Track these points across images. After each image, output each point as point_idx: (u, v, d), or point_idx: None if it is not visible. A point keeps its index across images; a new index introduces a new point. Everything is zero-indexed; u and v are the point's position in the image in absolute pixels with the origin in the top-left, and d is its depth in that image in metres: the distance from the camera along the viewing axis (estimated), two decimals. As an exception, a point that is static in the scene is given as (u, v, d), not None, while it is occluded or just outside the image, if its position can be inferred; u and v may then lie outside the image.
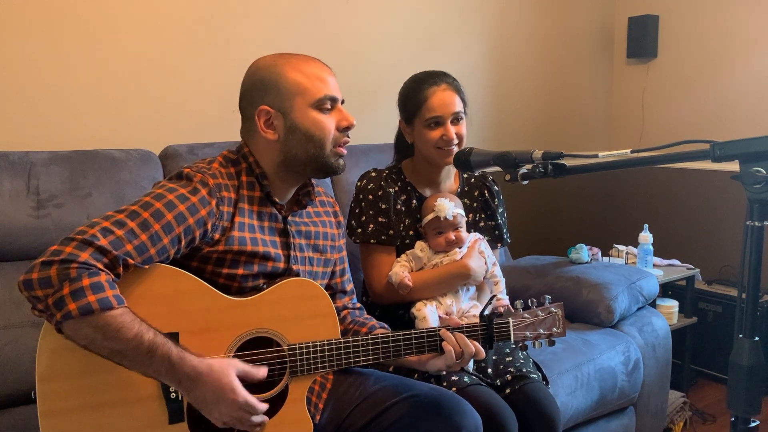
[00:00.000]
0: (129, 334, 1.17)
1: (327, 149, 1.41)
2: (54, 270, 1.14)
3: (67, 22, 2.09)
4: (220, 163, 1.41)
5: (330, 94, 1.39)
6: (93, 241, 1.18)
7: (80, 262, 1.15)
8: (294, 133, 1.39)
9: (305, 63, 1.41)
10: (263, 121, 1.39)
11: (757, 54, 3.18)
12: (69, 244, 1.17)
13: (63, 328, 1.17)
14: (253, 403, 1.25)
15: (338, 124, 1.41)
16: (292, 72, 1.38)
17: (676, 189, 3.50)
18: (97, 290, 1.15)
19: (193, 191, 1.31)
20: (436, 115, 1.80)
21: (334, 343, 1.38)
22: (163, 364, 1.19)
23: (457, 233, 1.80)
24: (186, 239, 1.29)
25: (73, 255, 1.16)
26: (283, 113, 1.38)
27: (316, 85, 1.38)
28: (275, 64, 1.40)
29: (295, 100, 1.37)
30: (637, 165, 1.22)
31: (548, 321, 1.53)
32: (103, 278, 1.17)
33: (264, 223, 1.43)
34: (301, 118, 1.38)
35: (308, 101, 1.38)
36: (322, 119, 1.39)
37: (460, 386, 1.62)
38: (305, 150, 1.39)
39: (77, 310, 1.13)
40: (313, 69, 1.40)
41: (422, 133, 1.83)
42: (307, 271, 1.50)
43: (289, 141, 1.39)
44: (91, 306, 1.14)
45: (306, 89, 1.38)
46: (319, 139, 1.39)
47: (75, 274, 1.14)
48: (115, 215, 1.24)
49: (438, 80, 1.83)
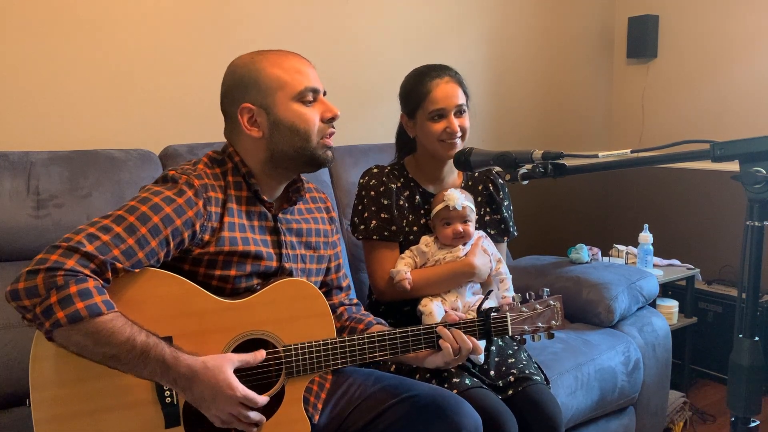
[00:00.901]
0: (121, 338, 1.16)
1: (313, 141, 1.39)
2: (40, 278, 1.13)
3: (66, 22, 2.09)
4: (205, 164, 1.40)
5: (311, 86, 1.38)
6: (79, 247, 1.17)
7: (66, 269, 1.14)
8: (278, 128, 1.37)
9: (283, 57, 1.40)
10: (246, 119, 1.38)
11: (757, 54, 3.18)
12: (55, 251, 1.16)
13: (53, 337, 1.16)
14: (252, 396, 1.24)
15: (322, 116, 1.40)
16: (270, 67, 1.37)
17: (676, 189, 3.50)
18: (85, 297, 1.14)
19: (178, 193, 1.30)
20: (439, 108, 1.79)
21: (329, 343, 1.37)
22: (158, 365, 1.19)
23: (465, 226, 1.80)
24: (174, 241, 1.28)
25: (59, 263, 1.15)
26: (265, 109, 1.37)
27: (295, 78, 1.37)
28: (253, 61, 1.39)
29: (277, 95, 1.36)
30: (637, 165, 1.21)
31: (546, 314, 1.51)
32: (91, 284, 1.16)
33: (254, 223, 1.42)
34: (284, 113, 1.37)
35: (289, 95, 1.37)
36: (306, 111, 1.38)
37: (460, 389, 1.61)
38: (291, 144, 1.38)
39: (65, 318, 1.12)
40: (291, 62, 1.39)
41: (425, 126, 1.82)
42: (300, 268, 1.49)
43: (274, 137, 1.38)
44: (80, 313, 1.13)
45: (286, 83, 1.36)
46: (304, 132, 1.38)
47: (62, 282, 1.13)
48: (101, 221, 1.23)
49: (441, 73, 1.82)
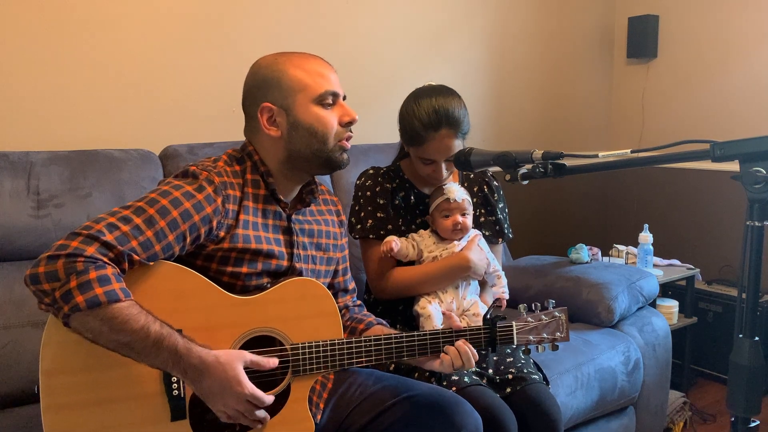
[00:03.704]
0: (136, 326, 1.17)
1: (330, 144, 1.41)
2: (61, 263, 1.15)
3: (67, 22, 2.09)
4: (224, 161, 1.42)
5: (331, 90, 1.40)
6: (99, 236, 1.18)
7: (87, 256, 1.16)
8: (297, 129, 1.39)
9: (306, 60, 1.42)
10: (266, 118, 1.40)
11: (757, 54, 3.18)
12: (75, 238, 1.18)
13: (70, 321, 1.17)
14: (260, 395, 1.25)
15: (340, 119, 1.42)
16: (293, 69, 1.39)
17: (676, 189, 3.50)
18: (104, 283, 1.15)
19: (198, 189, 1.32)
20: (430, 158, 1.80)
21: (336, 343, 1.38)
22: (170, 355, 1.19)
23: (464, 218, 1.81)
24: (191, 236, 1.30)
25: (79, 249, 1.16)
26: (285, 110, 1.39)
27: (317, 81, 1.39)
28: (276, 62, 1.41)
29: (297, 96, 1.38)
30: (637, 165, 1.22)
31: (552, 325, 1.52)
32: (109, 271, 1.17)
33: (268, 221, 1.43)
34: (303, 114, 1.39)
35: (310, 97, 1.39)
36: (325, 114, 1.40)
37: (460, 386, 1.62)
38: (308, 146, 1.40)
39: (85, 303, 1.14)
40: (313, 66, 1.41)
41: (416, 160, 1.85)
42: (310, 269, 1.50)
43: (292, 137, 1.40)
44: (99, 298, 1.14)
45: (307, 85, 1.39)
46: (322, 135, 1.40)
47: (82, 267, 1.15)
48: (121, 211, 1.25)
49: (439, 124, 1.75)
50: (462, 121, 1.78)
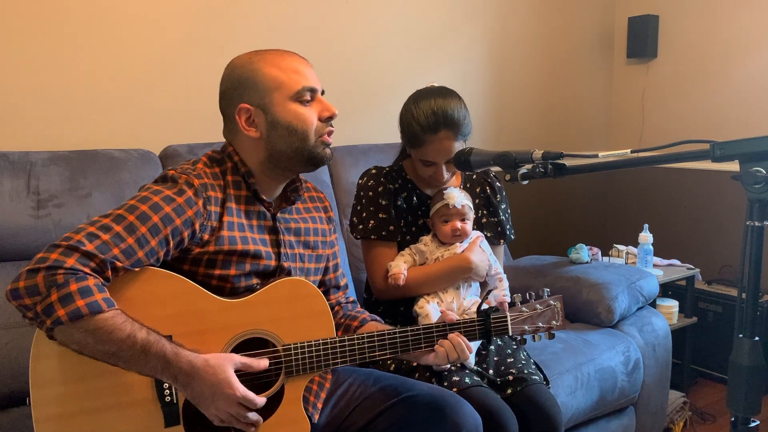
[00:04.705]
0: (121, 335, 1.16)
1: (311, 141, 1.39)
2: (41, 277, 1.14)
3: (66, 22, 2.09)
4: (204, 163, 1.40)
5: (308, 86, 1.38)
6: (78, 246, 1.17)
7: (66, 267, 1.15)
8: (276, 128, 1.37)
9: (281, 57, 1.40)
10: (244, 119, 1.38)
11: (757, 54, 3.18)
12: (55, 250, 1.17)
13: (54, 335, 1.16)
14: (251, 397, 1.24)
15: (320, 115, 1.40)
16: (267, 67, 1.37)
17: (676, 189, 3.50)
18: (85, 294, 1.14)
19: (178, 192, 1.30)
20: (430, 160, 1.80)
21: (329, 342, 1.37)
22: (159, 361, 1.19)
23: (463, 223, 1.81)
24: (174, 240, 1.28)
25: (59, 261, 1.15)
26: (263, 109, 1.37)
27: (292, 77, 1.37)
28: (251, 61, 1.39)
29: (274, 95, 1.36)
30: (637, 165, 1.22)
31: (547, 314, 1.51)
32: (91, 282, 1.16)
33: (253, 222, 1.42)
34: (281, 113, 1.37)
35: (287, 95, 1.36)
36: (303, 111, 1.38)
37: (460, 387, 1.61)
38: (289, 144, 1.38)
39: (66, 316, 1.13)
40: (288, 62, 1.39)
41: (417, 162, 1.85)
42: (299, 267, 1.49)
43: (272, 137, 1.38)
44: (81, 311, 1.13)
45: (283, 83, 1.36)
46: (302, 132, 1.38)
47: (62, 280, 1.14)
48: (101, 220, 1.24)
49: (438, 126, 1.75)
50: (461, 123, 1.77)
